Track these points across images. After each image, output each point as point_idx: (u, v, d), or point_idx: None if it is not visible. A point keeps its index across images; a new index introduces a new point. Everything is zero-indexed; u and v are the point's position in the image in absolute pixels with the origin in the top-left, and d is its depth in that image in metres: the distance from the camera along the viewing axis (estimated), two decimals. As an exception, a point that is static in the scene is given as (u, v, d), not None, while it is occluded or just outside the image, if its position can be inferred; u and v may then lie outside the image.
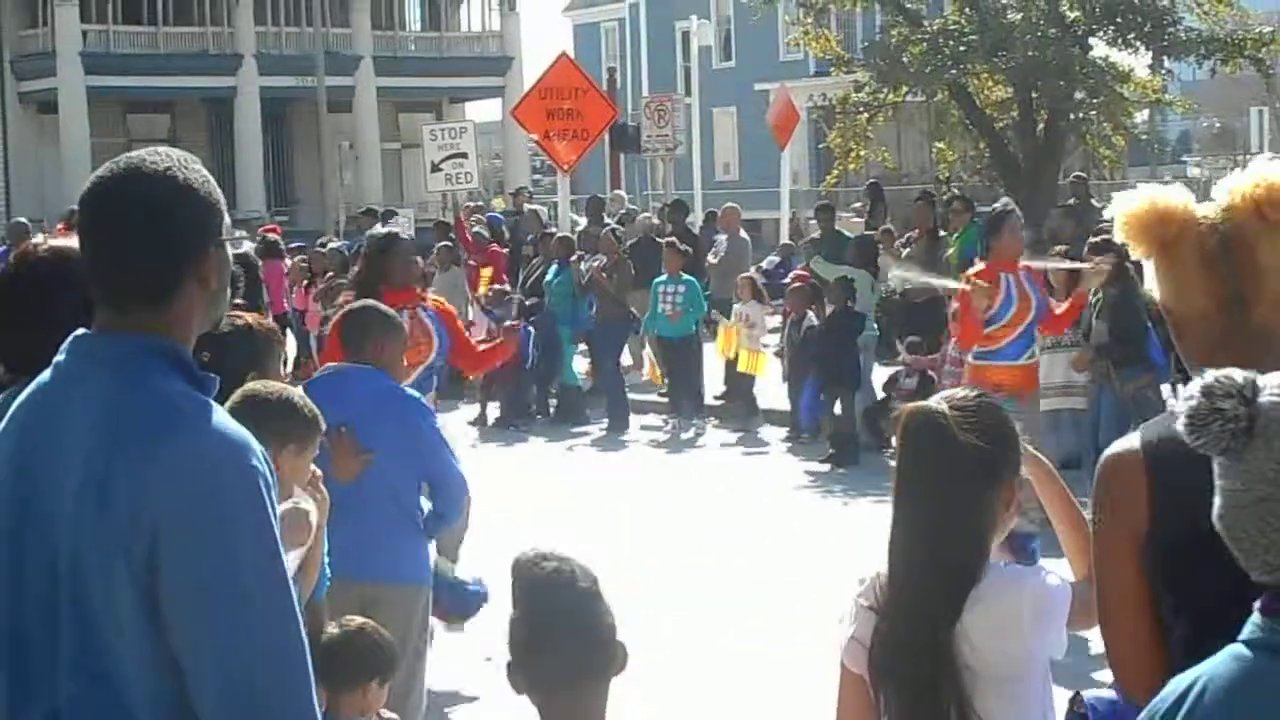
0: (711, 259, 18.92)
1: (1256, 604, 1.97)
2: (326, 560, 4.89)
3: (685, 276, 16.79)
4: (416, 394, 6.12)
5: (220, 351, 2.68)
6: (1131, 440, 2.80)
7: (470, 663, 7.96)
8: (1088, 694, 3.05)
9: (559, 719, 2.92)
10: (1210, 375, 1.96)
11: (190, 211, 2.58)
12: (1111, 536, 2.80)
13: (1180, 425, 1.98)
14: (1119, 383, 10.94)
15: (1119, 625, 2.81)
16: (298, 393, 4.59)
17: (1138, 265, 12.54)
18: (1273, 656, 1.92)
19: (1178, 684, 2.03)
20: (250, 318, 4.67)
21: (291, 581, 2.54)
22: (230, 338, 2.64)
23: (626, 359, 17.74)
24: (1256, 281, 2.73)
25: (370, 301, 6.55)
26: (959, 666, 3.24)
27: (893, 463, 3.41)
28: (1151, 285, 2.90)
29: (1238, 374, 1.96)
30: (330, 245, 21.40)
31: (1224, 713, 1.94)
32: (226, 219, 2.66)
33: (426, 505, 6.05)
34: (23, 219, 19.90)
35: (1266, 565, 1.93)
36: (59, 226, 13.85)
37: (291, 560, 3.63)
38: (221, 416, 2.53)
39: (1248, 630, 1.97)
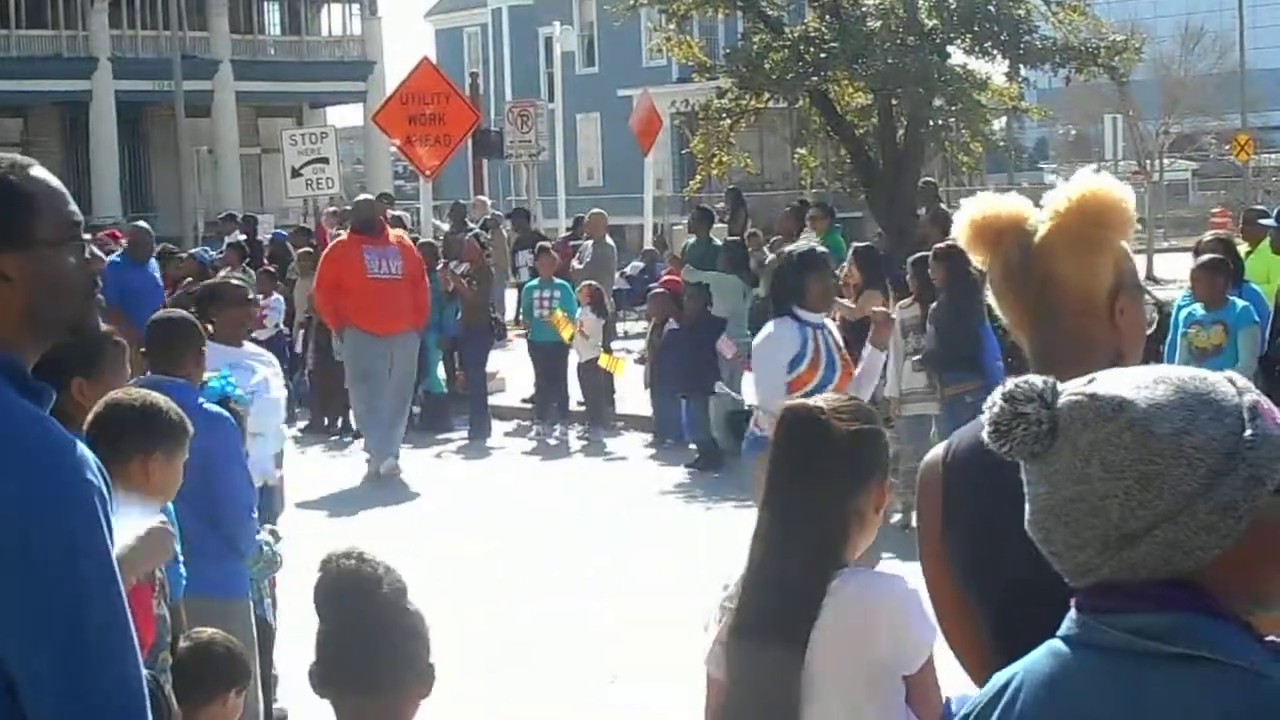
0: (577, 265, 18.90)
1: (1073, 600, 1.99)
2: (182, 562, 4.80)
3: (558, 281, 16.78)
4: (220, 410, 6.01)
5: (45, 359, 2.59)
6: (939, 448, 2.91)
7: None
8: (956, 695, 3.08)
9: None
10: (1011, 382, 1.99)
11: None
12: (923, 542, 2.90)
13: (985, 434, 2.00)
14: (940, 388, 11.03)
15: (945, 624, 2.92)
16: (162, 398, 4.49)
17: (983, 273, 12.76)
18: (1088, 652, 1.94)
19: (996, 680, 2.05)
20: None
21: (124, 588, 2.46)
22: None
23: (492, 366, 17.65)
24: (1058, 292, 2.78)
25: (178, 311, 6.50)
26: (807, 666, 3.23)
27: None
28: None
29: (1037, 379, 1.98)
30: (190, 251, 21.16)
31: (1041, 707, 1.95)
32: (56, 219, 2.52)
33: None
34: (145, 224, 18.74)
35: (1080, 567, 1.95)
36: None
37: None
38: (55, 430, 2.44)
39: (1065, 626, 1.99)
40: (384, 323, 14.01)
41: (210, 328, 7.29)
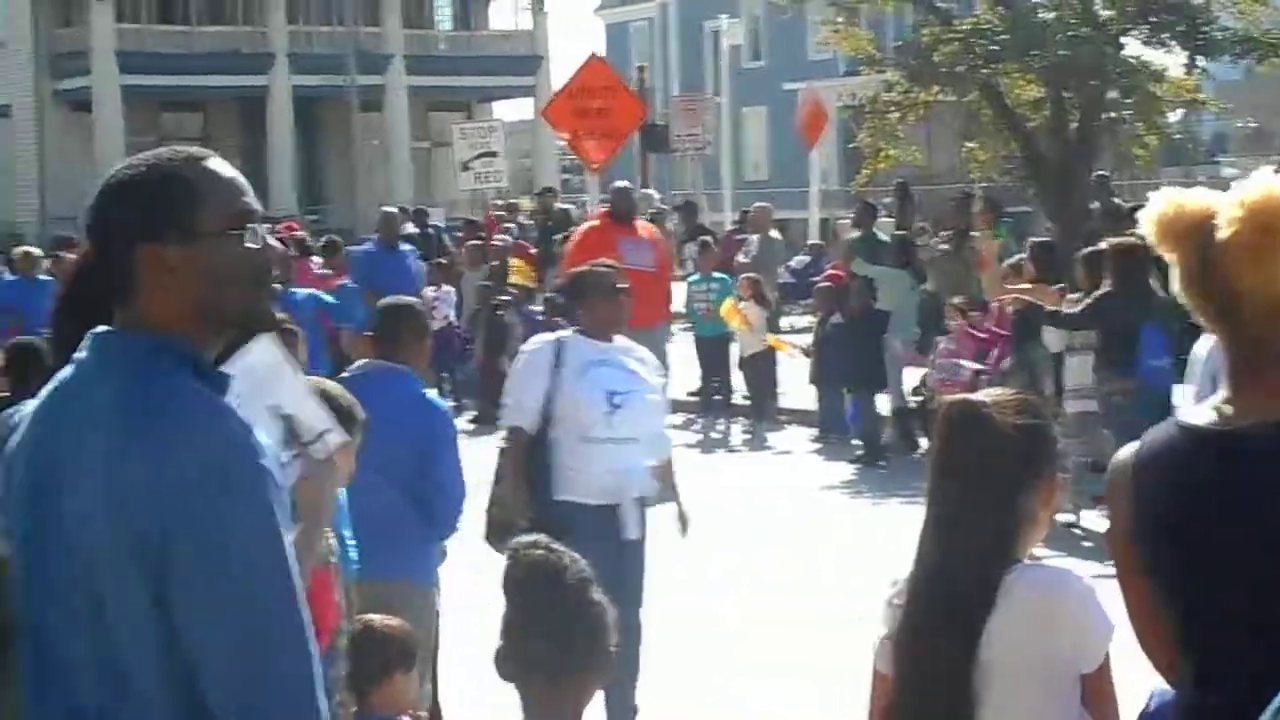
0: (742, 258, 18.88)
1: None
2: (353, 545, 4.88)
3: (717, 275, 16.76)
4: (441, 402, 6.11)
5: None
6: (1129, 448, 2.89)
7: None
8: (1158, 690, 3.08)
9: (533, 707, 2.97)
10: None
11: (131, 200, 2.54)
12: (1113, 542, 2.92)
13: None
14: (1098, 386, 10.77)
15: (1136, 623, 2.92)
16: (336, 387, 4.61)
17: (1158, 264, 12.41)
18: None
19: None
20: None
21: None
22: None
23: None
24: (1239, 301, 2.72)
25: (406, 299, 6.52)
26: (981, 663, 3.19)
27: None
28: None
29: None
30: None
31: None
32: (221, 210, 2.55)
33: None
34: (392, 208, 18.94)
35: None
36: None
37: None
38: (232, 415, 2.50)
39: None
40: (639, 315, 13.39)
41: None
